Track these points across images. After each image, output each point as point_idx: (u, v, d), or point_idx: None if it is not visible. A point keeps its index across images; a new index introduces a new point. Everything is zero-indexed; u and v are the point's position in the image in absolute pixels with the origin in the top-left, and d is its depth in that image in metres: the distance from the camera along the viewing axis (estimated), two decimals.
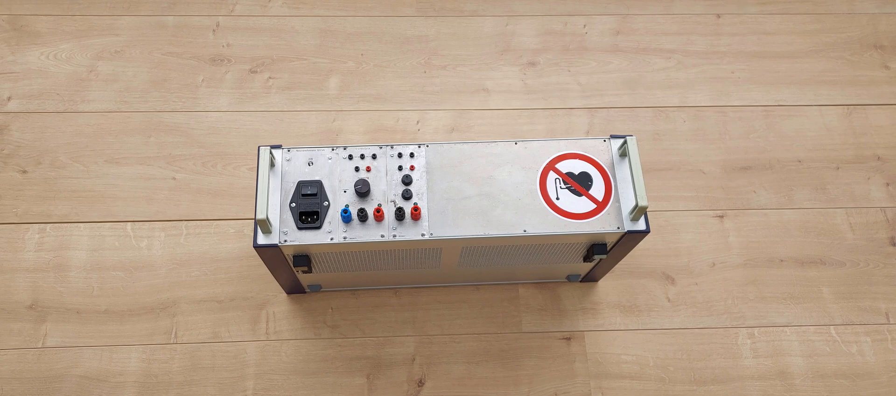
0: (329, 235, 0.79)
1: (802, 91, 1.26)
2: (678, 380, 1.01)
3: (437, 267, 0.93)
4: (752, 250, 1.11)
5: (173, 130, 1.17)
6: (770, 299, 1.07)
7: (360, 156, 0.84)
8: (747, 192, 1.16)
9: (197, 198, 1.11)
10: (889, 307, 1.08)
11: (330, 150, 0.84)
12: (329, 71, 1.25)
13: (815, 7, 1.35)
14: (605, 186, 0.83)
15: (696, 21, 1.33)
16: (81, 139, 1.16)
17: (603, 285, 1.07)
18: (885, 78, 1.28)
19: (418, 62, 1.27)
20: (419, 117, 1.21)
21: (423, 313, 1.04)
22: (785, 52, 1.30)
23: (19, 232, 1.08)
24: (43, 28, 1.26)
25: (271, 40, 1.27)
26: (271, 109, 1.20)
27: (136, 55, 1.24)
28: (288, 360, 1.00)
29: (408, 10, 1.32)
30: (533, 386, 1.00)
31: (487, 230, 0.80)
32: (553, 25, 1.32)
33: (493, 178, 0.83)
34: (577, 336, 1.04)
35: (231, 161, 1.15)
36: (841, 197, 1.16)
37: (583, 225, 0.81)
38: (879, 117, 1.24)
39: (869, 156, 1.20)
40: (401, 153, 0.84)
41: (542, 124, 1.21)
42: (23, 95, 1.19)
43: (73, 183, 1.12)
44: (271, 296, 1.04)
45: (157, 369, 0.99)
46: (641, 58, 1.29)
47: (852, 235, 1.13)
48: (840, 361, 1.03)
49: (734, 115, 1.23)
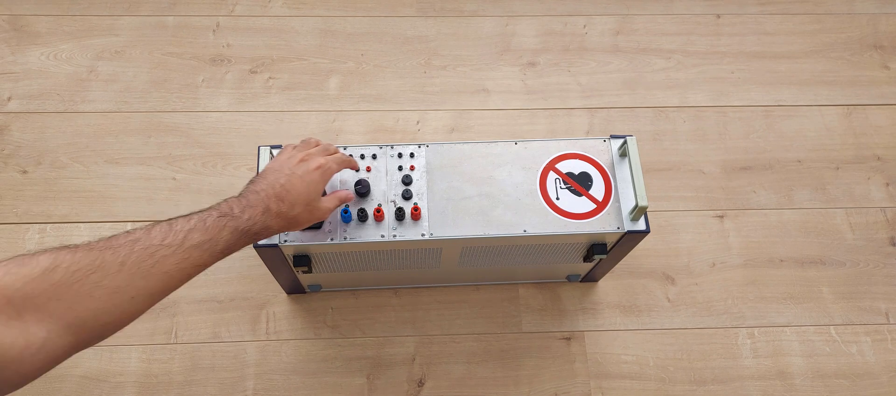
0: (329, 235, 0.79)
1: (802, 91, 1.26)
2: (678, 380, 1.01)
3: (437, 267, 0.93)
4: (751, 250, 1.11)
5: (173, 130, 1.17)
6: (770, 299, 1.07)
7: (360, 156, 0.84)
8: (747, 192, 1.16)
9: (197, 199, 1.11)
10: (889, 307, 1.08)
11: None
12: (329, 71, 1.25)
13: (815, 7, 1.35)
14: (605, 186, 0.83)
15: (696, 21, 1.33)
16: (81, 139, 1.16)
17: (603, 285, 1.07)
18: (885, 78, 1.28)
19: (418, 62, 1.27)
20: (419, 117, 1.21)
21: (423, 313, 1.04)
22: (785, 52, 1.30)
23: (19, 232, 1.08)
24: (43, 28, 1.26)
25: (271, 40, 1.27)
26: (271, 109, 1.20)
27: (136, 55, 1.24)
28: (288, 360, 1.00)
29: (408, 10, 1.32)
30: (533, 386, 1.00)
31: (487, 230, 0.80)
32: (553, 25, 1.32)
33: (493, 178, 0.83)
34: (577, 336, 1.04)
35: (231, 161, 1.15)
36: (841, 197, 1.16)
37: (583, 225, 0.81)
38: (879, 117, 1.24)
39: (869, 156, 1.20)
40: (401, 153, 0.84)
41: (542, 124, 1.21)
42: (23, 95, 1.19)
43: (74, 183, 1.12)
44: (271, 296, 1.04)
45: (157, 369, 0.99)
46: (641, 58, 1.29)
47: (852, 235, 1.13)
48: (840, 361, 1.03)
49: (734, 115, 1.23)
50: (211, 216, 0.61)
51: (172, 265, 0.57)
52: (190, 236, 0.58)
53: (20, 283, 0.47)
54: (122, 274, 0.53)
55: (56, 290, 0.49)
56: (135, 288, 0.54)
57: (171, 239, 0.57)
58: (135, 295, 0.54)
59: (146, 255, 0.55)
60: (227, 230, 0.62)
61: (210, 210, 0.63)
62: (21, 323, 0.47)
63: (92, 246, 0.53)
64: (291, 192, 0.68)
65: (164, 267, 0.56)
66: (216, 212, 0.62)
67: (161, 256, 0.56)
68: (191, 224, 0.59)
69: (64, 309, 0.49)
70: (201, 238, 0.59)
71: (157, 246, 0.56)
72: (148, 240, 0.56)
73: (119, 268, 0.53)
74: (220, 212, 0.62)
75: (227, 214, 0.62)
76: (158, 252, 0.56)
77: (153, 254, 0.55)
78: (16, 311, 0.47)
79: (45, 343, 0.48)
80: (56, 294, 0.49)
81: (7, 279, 0.47)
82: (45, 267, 0.49)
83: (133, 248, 0.54)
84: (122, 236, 0.55)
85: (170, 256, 0.56)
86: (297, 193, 0.69)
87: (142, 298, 0.55)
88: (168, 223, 0.59)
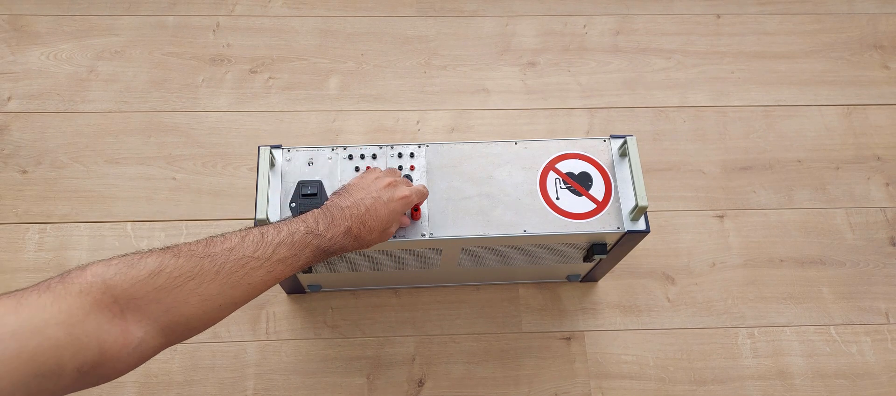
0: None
1: (802, 91, 1.26)
2: (678, 380, 1.01)
3: (437, 267, 0.93)
4: (752, 250, 1.11)
5: (173, 130, 1.17)
6: (770, 299, 1.07)
7: (361, 155, 0.84)
8: (747, 192, 1.16)
9: (197, 198, 1.11)
10: (889, 307, 1.08)
11: (330, 150, 0.84)
12: (329, 71, 1.25)
13: (815, 7, 1.35)
14: (605, 186, 0.83)
15: (696, 21, 1.33)
16: (81, 139, 1.16)
17: (603, 285, 1.07)
18: (885, 78, 1.28)
19: (418, 62, 1.27)
20: (419, 117, 1.21)
21: (423, 313, 1.04)
22: (785, 52, 1.30)
23: (19, 232, 1.08)
24: (43, 28, 1.26)
25: (271, 40, 1.27)
26: (271, 109, 1.20)
27: (136, 55, 1.24)
28: (288, 360, 1.00)
29: (408, 10, 1.32)
30: (533, 386, 1.00)
31: (487, 230, 0.80)
32: (553, 25, 1.32)
33: (493, 178, 0.83)
34: (577, 336, 1.04)
35: (231, 161, 1.15)
36: (841, 197, 1.16)
37: (583, 225, 0.81)
38: (879, 117, 1.24)
39: (869, 156, 1.20)
40: (401, 153, 0.84)
41: (542, 124, 1.21)
42: (23, 95, 1.19)
43: (73, 183, 1.12)
44: (271, 296, 1.04)
45: (157, 369, 0.99)
46: (641, 58, 1.29)
47: (852, 235, 1.13)
48: (840, 361, 1.03)
49: (734, 115, 1.23)
50: (299, 231, 0.62)
51: (259, 277, 0.58)
52: (278, 250, 0.60)
53: (127, 284, 0.50)
54: (216, 282, 0.55)
55: (158, 294, 0.51)
56: (224, 297, 0.56)
57: (262, 251, 0.58)
58: (223, 304, 0.56)
59: (238, 266, 0.56)
60: (310, 248, 0.62)
61: (298, 222, 0.63)
62: (123, 321, 0.49)
63: (193, 251, 0.55)
64: (373, 217, 0.68)
65: (252, 279, 0.58)
66: (304, 227, 0.63)
67: (251, 268, 0.57)
68: (281, 236, 0.60)
69: (161, 312, 0.51)
70: (288, 253, 0.60)
71: (248, 258, 0.57)
72: (242, 250, 0.57)
73: (214, 277, 0.55)
74: (307, 228, 0.63)
75: (312, 232, 0.63)
76: (249, 263, 0.57)
77: (245, 265, 0.57)
78: (120, 310, 0.49)
79: (141, 342, 0.50)
80: (157, 297, 0.51)
81: (116, 279, 0.50)
82: (152, 270, 0.51)
83: (228, 258, 0.56)
84: (219, 242, 0.57)
85: (258, 269, 0.58)
86: (378, 219, 0.69)
87: (228, 306, 0.57)
88: (260, 232, 0.60)
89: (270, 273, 0.59)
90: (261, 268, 0.58)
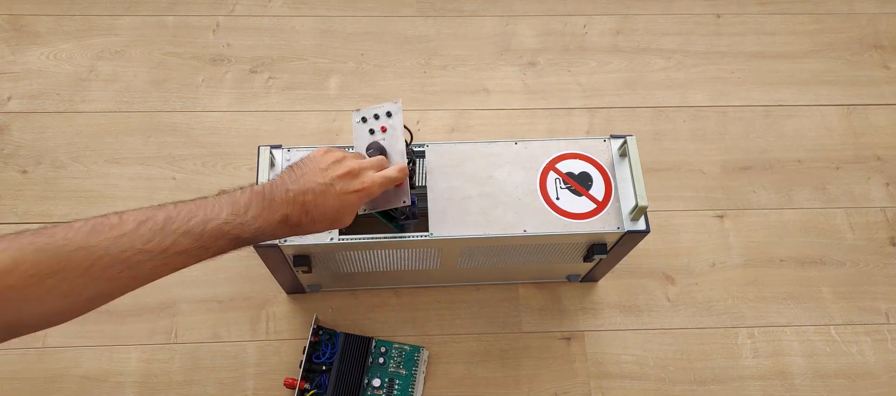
0: (329, 235, 0.79)
1: (802, 91, 1.26)
2: (678, 380, 1.01)
3: (437, 267, 0.93)
4: (752, 250, 1.11)
5: (173, 130, 1.17)
6: (770, 299, 1.07)
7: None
8: (747, 192, 1.16)
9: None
10: (889, 307, 1.08)
11: None
12: (329, 71, 1.25)
13: (815, 7, 1.35)
14: (605, 186, 0.83)
15: (696, 21, 1.33)
16: (81, 139, 1.16)
17: (603, 285, 1.07)
18: (885, 78, 1.28)
19: (418, 62, 1.27)
20: (419, 117, 1.21)
21: (423, 313, 1.04)
22: (785, 52, 1.30)
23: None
24: (43, 28, 1.26)
25: (271, 40, 1.27)
26: (271, 109, 1.20)
27: (136, 55, 1.24)
28: (288, 360, 1.00)
29: (408, 10, 1.32)
30: (533, 386, 1.00)
31: (487, 230, 0.80)
32: (553, 25, 1.32)
33: (493, 178, 0.83)
34: (577, 336, 1.04)
35: (231, 161, 1.15)
36: (841, 197, 1.16)
37: (583, 225, 0.81)
38: (879, 117, 1.24)
39: (869, 156, 1.20)
40: None
41: (542, 124, 1.21)
42: (23, 95, 1.19)
43: (74, 183, 1.12)
44: (271, 296, 1.04)
45: (157, 369, 0.99)
46: (641, 58, 1.29)
47: (852, 235, 1.13)
48: (840, 361, 1.03)
49: (734, 115, 1.23)
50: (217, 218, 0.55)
51: (147, 270, 0.51)
52: (180, 241, 0.52)
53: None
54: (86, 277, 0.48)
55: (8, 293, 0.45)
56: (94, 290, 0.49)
57: (157, 242, 0.51)
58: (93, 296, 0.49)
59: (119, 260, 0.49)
60: (226, 238, 0.56)
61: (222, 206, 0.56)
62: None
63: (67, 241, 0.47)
64: (320, 207, 0.61)
65: (136, 273, 0.51)
66: (226, 213, 0.56)
67: (136, 262, 0.50)
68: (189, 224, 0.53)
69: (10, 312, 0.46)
70: (191, 245, 0.53)
71: (136, 251, 0.50)
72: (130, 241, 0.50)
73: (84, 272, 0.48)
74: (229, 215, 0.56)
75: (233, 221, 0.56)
76: (134, 258, 0.50)
77: (127, 259, 0.50)
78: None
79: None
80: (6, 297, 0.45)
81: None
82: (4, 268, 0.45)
83: (109, 249, 0.49)
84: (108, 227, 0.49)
85: (146, 262, 0.51)
86: (324, 210, 0.61)
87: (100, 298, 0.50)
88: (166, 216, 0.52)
89: (166, 265, 0.52)
90: (151, 262, 0.51)
